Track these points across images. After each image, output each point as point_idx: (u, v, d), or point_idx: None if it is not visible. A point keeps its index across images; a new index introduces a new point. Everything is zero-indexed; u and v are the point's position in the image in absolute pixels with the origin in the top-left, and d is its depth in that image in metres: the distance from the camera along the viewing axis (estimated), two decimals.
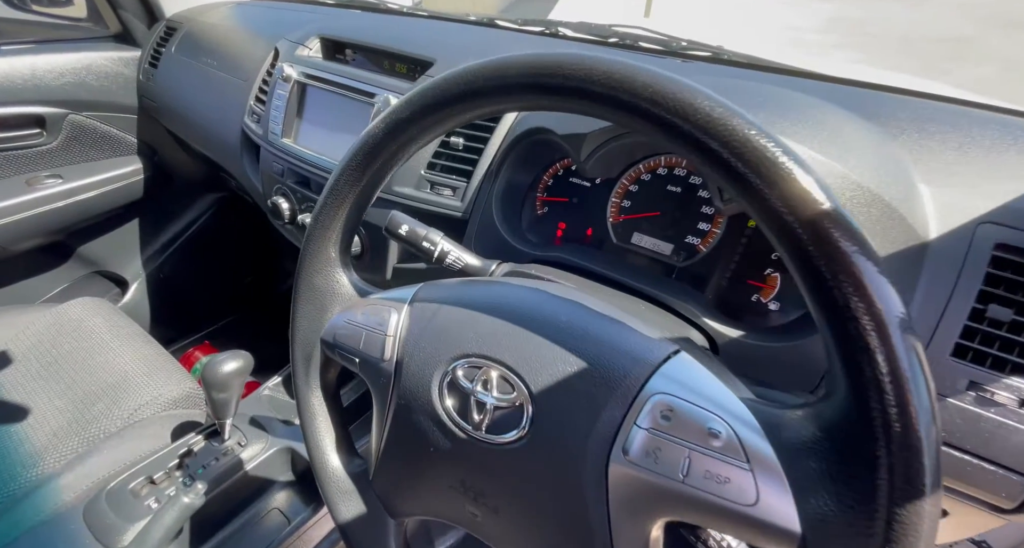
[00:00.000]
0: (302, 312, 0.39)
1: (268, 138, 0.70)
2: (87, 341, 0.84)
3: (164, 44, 1.01)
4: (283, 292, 1.50)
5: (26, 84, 0.94)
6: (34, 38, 1.00)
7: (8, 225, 0.94)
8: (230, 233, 1.35)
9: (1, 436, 0.71)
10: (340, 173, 0.35)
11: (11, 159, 0.97)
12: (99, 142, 1.07)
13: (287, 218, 0.69)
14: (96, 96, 1.03)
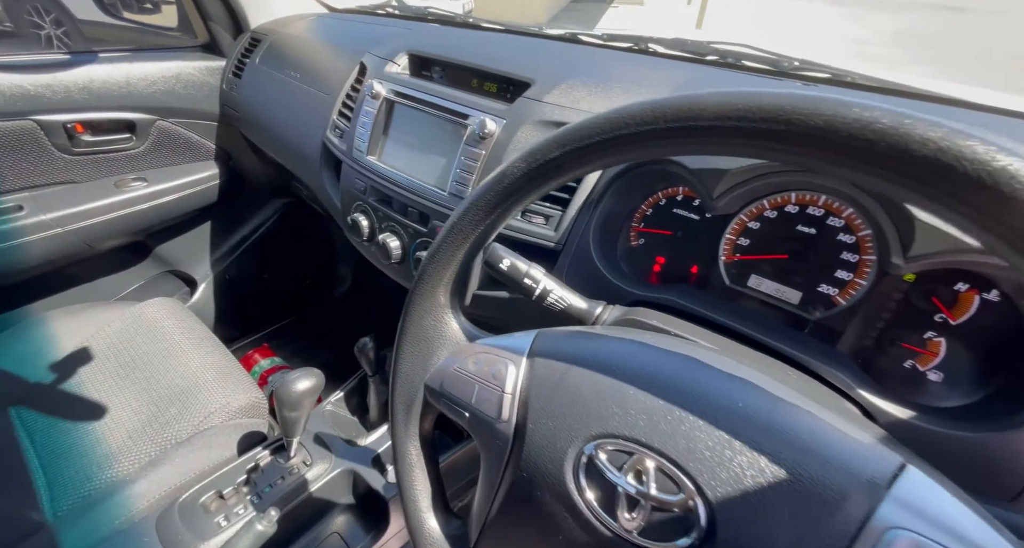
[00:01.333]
0: (406, 353, 0.36)
1: (352, 155, 0.70)
2: (161, 342, 0.87)
3: (248, 55, 1.04)
4: (337, 297, 1.52)
5: (121, 91, 0.99)
6: (131, 46, 1.05)
7: (96, 225, 0.99)
8: (292, 237, 1.38)
9: (81, 432, 0.73)
10: (466, 212, 0.32)
11: (102, 162, 1.01)
12: (181, 147, 1.11)
13: (366, 236, 0.68)
14: (182, 103, 1.07)
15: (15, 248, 0.90)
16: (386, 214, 0.66)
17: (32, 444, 0.72)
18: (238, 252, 1.28)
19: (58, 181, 0.97)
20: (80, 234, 0.97)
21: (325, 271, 1.51)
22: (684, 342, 0.31)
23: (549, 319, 0.48)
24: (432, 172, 0.61)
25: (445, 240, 0.33)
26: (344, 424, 0.77)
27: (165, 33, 1.13)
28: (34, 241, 0.92)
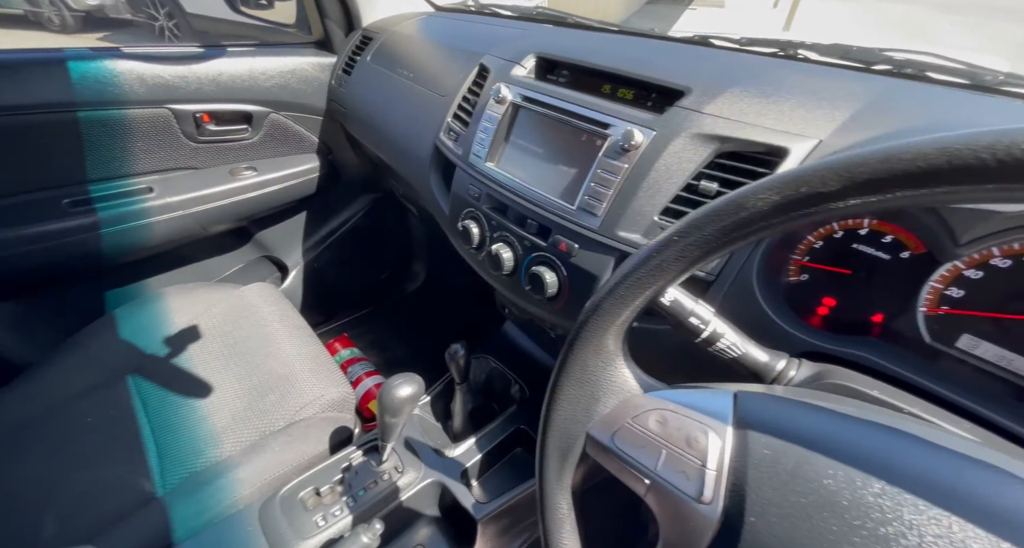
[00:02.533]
0: (567, 395, 0.32)
1: (468, 160, 0.68)
2: (261, 328, 0.90)
3: (359, 53, 1.06)
4: (410, 293, 1.55)
5: (244, 84, 1.04)
6: (254, 42, 1.11)
7: (211, 210, 1.05)
8: (374, 232, 1.42)
9: (189, 408, 0.77)
10: (666, 245, 0.27)
11: (221, 150, 1.07)
12: (288, 140, 1.16)
13: (475, 243, 0.66)
14: (294, 98, 1.11)
15: (143, 227, 0.97)
16: (500, 224, 0.63)
17: (146, 413, 0.77)
18: (327, 243, 1.32)
19: (182, 166, 1.04)
20: (197, 217, 1.03)
21: (401, 267, 1.54)
22: (943, 431, 0.25)
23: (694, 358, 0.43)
24: (558, 184, 0.57)
25: (629, 278, 0.29)
26: (429, 430, 0.76)
27: (283, 30, 1.18)
28: (159, 222, 0.99)
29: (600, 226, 0.51)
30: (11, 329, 0.93)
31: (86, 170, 0.92)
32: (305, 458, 0.68)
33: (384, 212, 1.40)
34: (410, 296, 1.54)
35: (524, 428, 0.75)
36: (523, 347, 0.88)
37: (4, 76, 0.80)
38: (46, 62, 0.85)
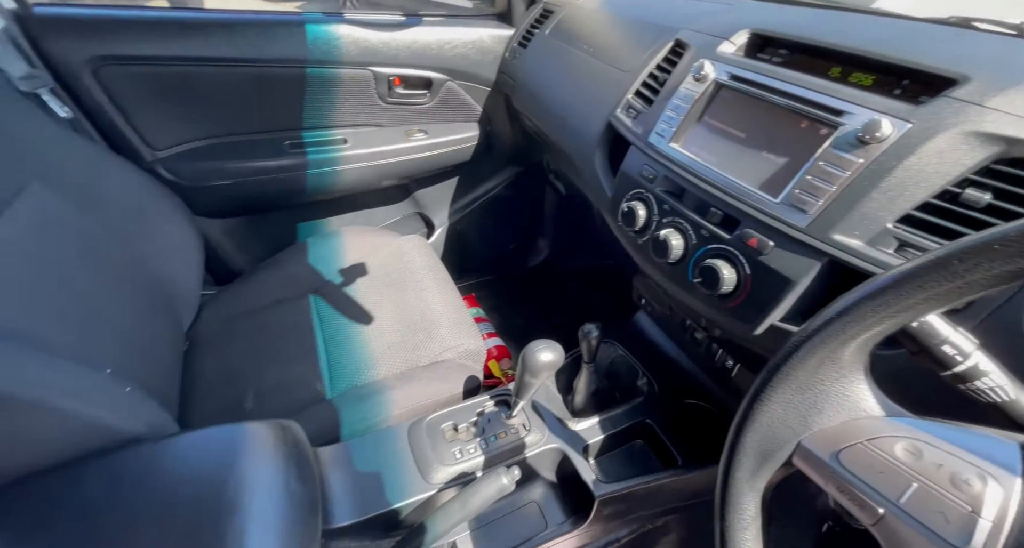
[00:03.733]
0: (783, 397, 0.30)
1: (648, 139, 0.66)
2: (414, 274, 1.00)
3: (538, 26, 1.08)
4: (532, 266, 1.60)
5: (431, 52, 1.13)
6: (444, 13, 1.19)
7: (388, 165, 1.18)
8: (511, 204, 1.48)
9: (354, 330, 0.89)
10: (943, 260, 0.24)
11: (402, 112, 1.19)
12: (457, 108, 1.24)
13: (639, 226, 0.65)
14: (470, 68, 1.18)
15: (335, 173, 1.13)
16: (674, 208, 0.61)
17: (321, 328, 0.92)
18: (470, 208, 1.41)
19: (370, 123, 1.18)
20: (376, 170, 1.17)
21: (527, 241, 1.59)
22: None
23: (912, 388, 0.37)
24: (759, 172, 0.53)
25: (898, 288, 0.26)
26: (552, 399, 0.79)
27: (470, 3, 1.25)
28: (348, 169, 1.14)
29: (808, 225, 0.46)
30: (233, 240, 1.17)
31: (303, 118, 1.09)
32: (444, 396, 0.76)
33: (523, 186, 1.45)
34: (531, 270, 1.59)
35: (649, 422, 0.74)
36: (656, 341, 0.85)
37: (258, 33, 0.98)
38: (290, 23, 1.01)
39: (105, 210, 0.75)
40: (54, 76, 0.84)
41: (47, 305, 0.56)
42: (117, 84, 0.90)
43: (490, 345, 1.18)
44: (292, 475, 0.48)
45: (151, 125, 0.96)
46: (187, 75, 0.94)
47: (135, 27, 0.88)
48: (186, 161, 1.01)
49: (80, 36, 0.85)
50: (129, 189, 0.81)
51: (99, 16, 0.87)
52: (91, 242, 0.70)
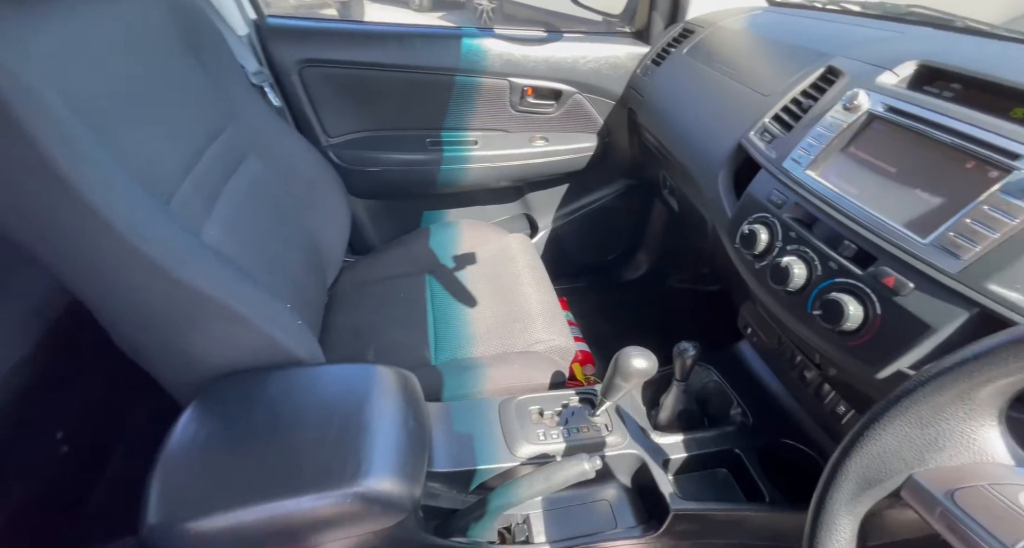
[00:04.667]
0: (899, 429, 0.30)
1: (783, 164, 0.65)
2: (517, 269, 1.08)
3: (675, 45, 1.10)
4: (628, 280, 1.60)
5: (565, 65, 1.21)
6: (583, 30, 1.26)
7: (508, 167, 1.28)
8: (617, 215, 1.50)
9: (459, 310, 0.99)
10: None
11: (528, 119, 1.29)
12: (579, 118, 1.30)
13: (759, 250, 0.64)
14: (599, 82, 1.23)
15: (463, 171, 1.26)
16: (801, 236, 0.60)
17: (432, 303, 1.03)
18: (576, 215, 1.46)
19: (499, 128, 1.29)
20: (498, 171, 1.28)
21: (627, 253, 1.59)
22: None
23: None
24: (906, 209, 0.50)
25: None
26: (636, 409, 0.80)
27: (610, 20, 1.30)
28: (474, 169, 1.26)
29: (961, 271, 0.43)
30: (371, 219, 1.36)
31: (445, 120, 1.24)
32: (532, 383, 0.82)
33: (633, 199, 1.46)
34: (626, 283, 1.59)
35: (738, 452, 0.72)
36: (757, 374, 0.82)
37: (424, 43, 1.14)
38: (450, 36, 1.15)
39: (291, 180, 0.94)
40: (272, 73, 1.07)
41: (254, 248, 0.73)
42: (312, 82, 1.11)
43: (577, 349, 1.21)
44: (410, 414, 0.57)
45: (330, 116, 1.17)
46: (363, 77, 1.13)
47: (334, 36, 1.09)
48: (349, 148, 1.21)
49: (296, 42, 1.06)
50: (309, 166, 1.00)
51: (311, 26, 1.08)
52: (279, 203, 0.88)
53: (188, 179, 0.67)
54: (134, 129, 0.59)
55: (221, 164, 0.76)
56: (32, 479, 0.81)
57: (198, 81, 0.76)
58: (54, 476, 0.85)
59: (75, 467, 0.90)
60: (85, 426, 0.91)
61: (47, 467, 0.84)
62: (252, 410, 0.54)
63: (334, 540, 0.49)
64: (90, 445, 0.92)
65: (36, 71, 0.46)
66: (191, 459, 0.49)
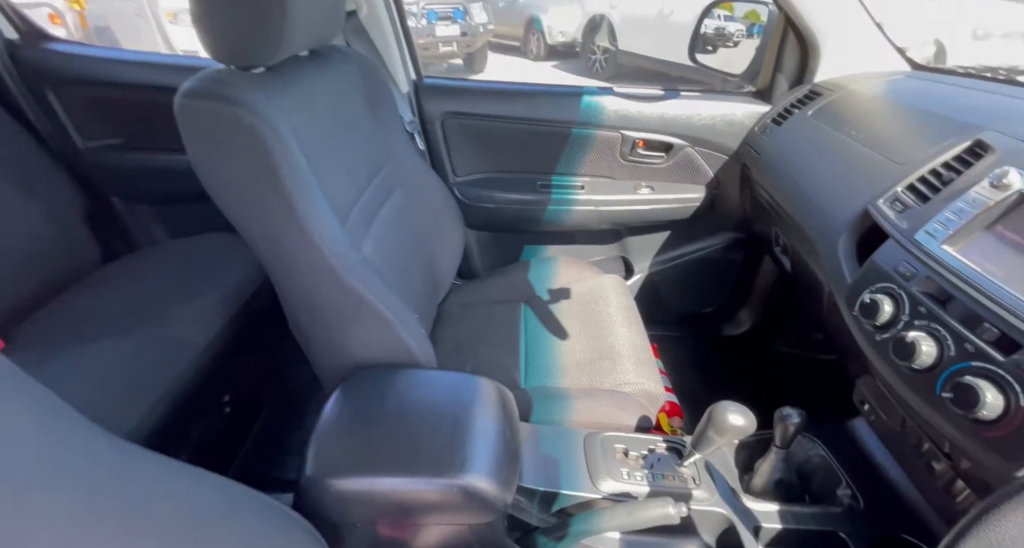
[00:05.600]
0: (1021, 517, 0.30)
1: (913, 236, 0.63)
2: (610, 308, 1.12)
3: (799, 106, 1.10)
4: (726, 336, 1.53)
5: (679, 121, 1.26)
6: (700, 88, 1.31)
7: (611, 212, 1.35)
8: (722, 267, 1.47)
9: (549, 341, 1.05)
10: None
11: (636, 168, 1.35)
12: (688, 169, 1.33)
13: (882, 322, 0.61)
14: (713, 137, 1.26)
15: (567, 212, 1.35)
16: (931, 313, 0.56)
17: (524, 331, 1.11)
18: (675, 262, 1.46)
19: (606, 175, 1.37)
20: (600, 214, 1.35)
21: (728, 308, 1.53)
22: None
23: None
24: None
25: None
26: (727, 468, 0.77)
27: (730, 79, 1.34)
28: (578, 210, 1.35)
29: None
30: (481, 248, 1.50)
31: (556, 165, 1.35)
32: (618, 422, 0.84)
33: (738, 252, 1.42)
34: (725, 339, 1.52)
35: (843, 537, 0.67)
36: (874, 456, 0.75)
37: (547, 99, 1.28)
38: (571, 94, 1.28)
39: (424, 211, 1.10)
40: (421, 122, 1.27)
41: (394, 265, 0.87)
42: (451, 130, 1.30)
43: (666, 399, 1.19)
44: (507, 426, 0.64)
45: (459, 159, 1.35)
46: (492, 127, 1.29)
47: (474, 93, 1.27)
48: (471, 186, 1.37)
49: (443, 98, 1.27)
50: (438, 200, 1.16)
51: (457, 85, 1.28)
52: (414, 229, 1.04)
53: (357, 206, 0.84)
54: (329, 163, 0.76)
55: (378, 195, 0.94)
56: (200, 437, 1.01)
57: (370, 128, 0.95)
58: (214, 436, 1.05)
59: (231, 429, 1.11)
60: (243, 392, 1.12)
61: (213, 426, 1.04)
62: (384, 399, 0.65)
63: (435, 523, 0.57)
64: (243, 411, 1.13)
65: (280, 118, 0.64)
66: (338, 432, 0.60)
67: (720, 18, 1.62)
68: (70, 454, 0.33)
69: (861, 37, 1.06)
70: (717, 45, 1.86)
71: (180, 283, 1.12)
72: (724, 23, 2.04)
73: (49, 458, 0.32)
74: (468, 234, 1.44)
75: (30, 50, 1.22)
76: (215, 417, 1.05)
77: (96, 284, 1.16)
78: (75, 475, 0.33)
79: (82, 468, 0.33)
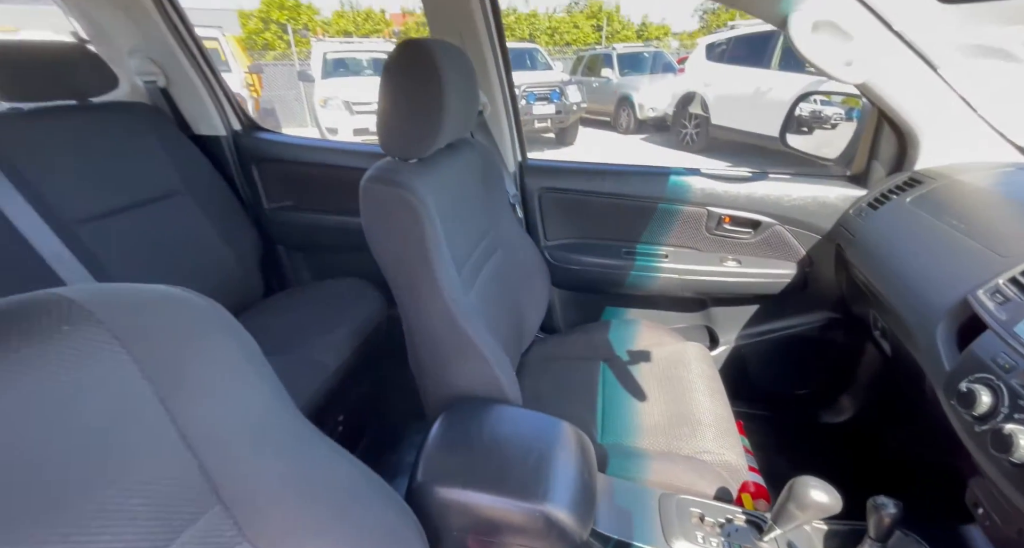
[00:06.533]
0: None
1: (1014, 328, 0.62)
2: (691, 377, 1.14)
3: (897, 193, 1.11)
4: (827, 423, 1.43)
5: (768, 201, 1.32)
6: (791, 170, 1.36)
7: (695, 281, 1.40)
8: (817, 348, 1.41)
9: (627, 401, 1.10)
10: None
11: (722, 242, 1.40)
12: (778, 246, 1.35)
13: (980, 412, 0.60)
14: (804, 217, 1.29)
15: (650, 278, 1.43)
16: None
17: (603, 388, 1.16)
18: (765, 338, 1.44)
19: (690, 246, 1.44)
20: (683, 282, 1.41)
21: (825, 392, 1.44)
22: None
23: None
24: None
25: None
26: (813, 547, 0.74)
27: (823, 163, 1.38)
28: (661, 277, 1.42)
29: None
30: (563, 306, 1.62)
31: (641, 235, 1.46)
32: (696, 488, 0.85)
33: (837, 335, 1.37)
34: (822, 425, 1.42)
35: None
36: None
37: (638, 179, 1.41)
38: (660, 174, 1.41)
39: (518, 269, 1.25)
40: (521, 195, 1.49)
41: (492, 314, 1.02)
42: (546, 202, 1.49)
43: (750, 478, 1.14)
44: (585, 469, 0.70)
45: (551, 226, 1.52)
46: (583, 201, 1.46)
47: (570, 172, 1.46)
48: (560, 250, 1.52)
49: (542, 175, 1.47)
50: (530, 260, 1.32)
51: (555, 165, 1.49)
52: (509, 285, 1.19)
53: (468, 262, 1.02)
54: (454, 228, 0.96)
55: (484, 254, 1.12)
56: None
57: (483, 199, 1.16)
58: None
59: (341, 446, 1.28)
60: (354, 416, 1.31)
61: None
62: (480, 427, 0.76)
63: (517, 544, 0.64)
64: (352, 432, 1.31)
65: (429, 197, 0.84)
66: (443, 449, 0.72)
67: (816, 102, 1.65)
68: (289, 418, 0.49)
69: (963, 127, 1.06)
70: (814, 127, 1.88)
71: (320, 316, 1.38)
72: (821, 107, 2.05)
73: (284, 415, 0.48)
74: (553, 292, 1.57)
75: (246, 137, 1.68)
76: (332, 433, 1.23)
77: (259, 313, 1.47)
78: (288, 434, 0.49)
79: (291, 430, 0.49)
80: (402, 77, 0.84)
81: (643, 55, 9.10)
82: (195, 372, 0.43)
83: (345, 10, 15.51)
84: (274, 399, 0.50)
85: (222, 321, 0.48)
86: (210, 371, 0.44)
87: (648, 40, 18.16)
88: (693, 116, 6.73)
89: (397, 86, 0.84)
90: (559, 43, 17.21)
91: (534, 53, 8.34)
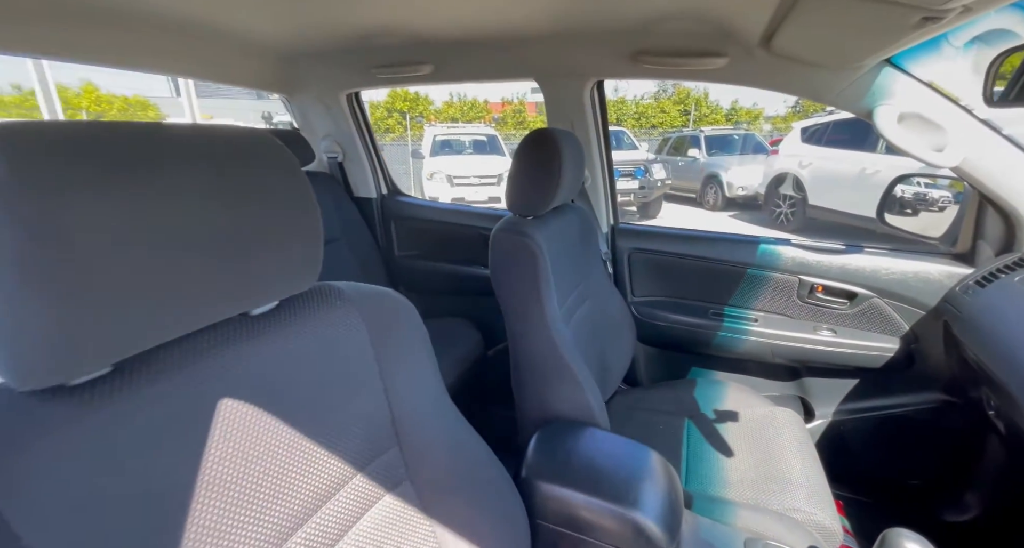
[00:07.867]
0: None
1: None
2: (782, 439, 1.14)
3: (1006, 272, 1.09)
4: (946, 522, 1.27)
5: (864, 273, 1.34)
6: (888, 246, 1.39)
7: (786, 347, 1.42)
8: (928, 434, 1.31)
9: (712, 454, 1.12)
10: None
11: (815, 310, 1.42)
12: (878, 320, 1.34)
13: None
14: (905, 291, 1.29)
15: (739, 340, 1.47)
16: None
17: (687, 443, 1.20)
18: (868, 415, 1.37)
19: (781, 313, 1.47)
20: (774, 348, 1.43)
21: (942, 484, 1.30)
22: None
23: None
24: None
25: None
26: None
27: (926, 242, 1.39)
28: (750, 340, 1.46)
29: None
30: (647, 361, 1.69)
31: (729, 297, 1.53)
32: (785, 541, 0.85)
33: (951, 419, 1.27)
34: (941, 523, 1.26)
35: None
36: None
37: (728, 245, 1.52)
38: (751, 242, 1.51)
39: (606, 319, 1.39)
40: (612, 254, 1.66)
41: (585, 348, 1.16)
42: (635, 261, 1.65)
43: (848, 544, 1.06)
44: (671, 489, 0.78)
45: (639, 283, 1.65)
46: (671, 262, 1.59)
47: (657, 236, 1.62)
48: (646, 306, 1.64)
49: (631, 238, 1.65)
50: (618, 313, 1.45)
51: (644, 230, 1.66)
52: (596, 330, 1.32)
53: (565, 304, 1.19)
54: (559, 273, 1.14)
55: (577, 300, 1.28)
56: None
57: (580, 254, 1.35)
58: None
59: None
60: None
61: None
62: (576, 441, 0.88)
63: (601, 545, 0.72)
64: None
65: (544, 246, 1.05)
66: (544, 452, 0.85)
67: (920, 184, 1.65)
68: (445, 396, 0.68)
69: None
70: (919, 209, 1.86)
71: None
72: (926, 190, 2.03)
73: (443, 392, 0.67)
74: (638, 347, 1.65)
75: (390, 199, 2.11)
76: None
77: None
78: (446, 406, 0.67)
79: (448, 404, 0.67)
80: (531, 155, 1.10)
81: (732, 137, 9.29)
82: (397, 345, 0.64)
83: (453, 101, 18.23)
84: (438, 379, 0.69)
85: (414, 317, 0.69)
86: (406, 348, 0.65)
87: (738, 122, 18.41)
88: (787, 196, 6.59)
89: (527, 160, 1.11)
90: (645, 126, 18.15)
91: (620, 135, 9.06)
